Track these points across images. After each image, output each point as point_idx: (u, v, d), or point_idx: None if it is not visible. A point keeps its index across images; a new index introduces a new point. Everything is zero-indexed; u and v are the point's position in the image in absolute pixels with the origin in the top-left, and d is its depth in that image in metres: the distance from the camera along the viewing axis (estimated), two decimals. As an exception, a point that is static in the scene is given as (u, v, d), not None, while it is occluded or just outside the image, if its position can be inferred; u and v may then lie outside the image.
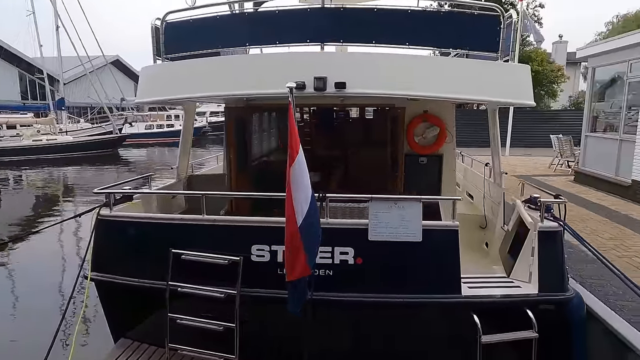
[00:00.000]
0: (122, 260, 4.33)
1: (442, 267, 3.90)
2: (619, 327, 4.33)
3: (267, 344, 4.19)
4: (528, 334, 3.82)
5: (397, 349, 4.08)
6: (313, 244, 3.06)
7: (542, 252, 4.07)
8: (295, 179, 2.93)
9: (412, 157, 6.92)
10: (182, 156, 7.08)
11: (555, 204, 4.37)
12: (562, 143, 14.80)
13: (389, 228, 3.83)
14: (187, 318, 3.99)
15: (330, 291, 3.82)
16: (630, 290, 5.19)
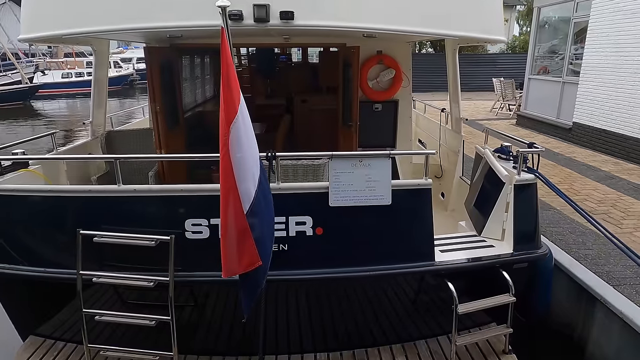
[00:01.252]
0: (17, 246, 3.40)
1: (415, 232, 3.39)
2: (583, 276, 4.18)
3: (212, 334, 3.56)
4: (505, 298, 3.48)
5: (368, 326, 3.62)
6: (266, 225, 2.36)
7: (518, 208, 3.68)
8: (239, 141, 2.16)
9: (365, 104, 6.26)
10: (96, 108, 5.93)
11: (531, 153, 3.96)
12: (504, 86, 14.83)
13: (353, 191, 3.20)
14: (108, 313, 3.21)
15: (286, 269, 3.20)
16: (590, 238, 5.13)
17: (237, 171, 2.17)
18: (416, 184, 3.36)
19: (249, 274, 2.32)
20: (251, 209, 2.21)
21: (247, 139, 2.20)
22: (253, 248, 2.24)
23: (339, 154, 3.20)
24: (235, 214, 2.20)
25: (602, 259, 4.57)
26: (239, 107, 2.15)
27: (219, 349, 3.55)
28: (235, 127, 2.14)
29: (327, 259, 3.26)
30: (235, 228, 2.23)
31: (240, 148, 2.17)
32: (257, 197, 2.23)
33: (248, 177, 2.20)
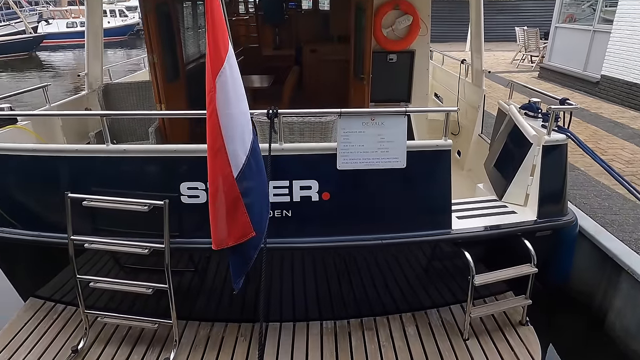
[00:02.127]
0: (8, 208, 3.21)
1: (431, 199, 3.11)
2: (608, 244, 3.91)
3: (213, 301, 3.41)
4: (526, 269, 3.24)
5: (377, 295, 3.43)
6: (260, 193, 2.08)
7: (545, 172, 3.35)
8: (226, 96, 1.85)
9: (378, 54, 5.79)
10: (92, 60, 5.59)
11: (563, 110, 3.58)
12: (528, 36, 13.91)
13: (364, 153, 2.89)
14: (103, 280, 3.05)
15: (290, 236, 2.97)
16: (616, 202, 4.79)
17: (225, 131, 1.88)
18: (434, 145, 3.04)
19: (241, 246, 2.08)
20: (242, 174, 1.94)
21: (235, 94, 1.89)
22: (245, 217, 1.99)
23: (348, 111, 2.86)
24: (224, 180, 1.94)
25: (630, 225, 4.27)
26: (226, 57, 1.82)
27: (221, 315, 3.41)
28: (221, 80, 1.83)
29: (334, 226, 3.01)
30: (224, 195, 1.97)
31: (228, 104, 1.87)
32: (248, 161, 1.95)
33: (237, 138, 1.91)
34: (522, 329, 3.35)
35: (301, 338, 3.28)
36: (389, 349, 3.17)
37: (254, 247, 2.10)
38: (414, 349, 3.17)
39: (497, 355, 3.11)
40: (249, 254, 2.11)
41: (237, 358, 3.09)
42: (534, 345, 3.19)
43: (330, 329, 3.38)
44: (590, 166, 5.82)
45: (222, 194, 1.95)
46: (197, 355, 3.12)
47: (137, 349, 3.17)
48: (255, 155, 2.01)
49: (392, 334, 3.32)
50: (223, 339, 3.27)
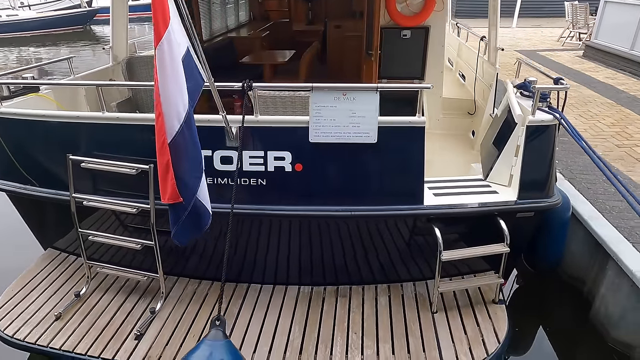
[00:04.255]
0: (24, 167, 3.60)
1: (403, 174, 3.18)
2: (600, 230, 3.81)
3: (198, 261, 3.69)
4: (498, 248, 3.26)
5: (352, 264, 3.58)
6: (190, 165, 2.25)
7: (528, 153, 3.31)
8: (162, 65, 2.02)
9: (392, 30, 5.75)
10: (116, 32, 5.87)
11: (554, 90, 3.48)
12: (576, 11, 13.02)
13: (336, 127, 3.00)
14: (100, 234, 3.41)
15: (265, 204, 3.16)
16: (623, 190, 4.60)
17: (163, 99, 2.07)
18: (407, 121, 3.09)
19: (175, 206, 2.29)
20: (174, 141, 2.13)
21: (172, 68, 2.05)
22: (173, 182, 2.19)
23: (320, 85, 2.96)
24: (161, 144, 2.14)
25: (630, 212, 4.10)
26: (165, 32, 1.99)
27: (208, 274, 3.70)
28: (160, 50, 2.00)
29: (306, 197, 3.17)
30: (159, 158, 2.18)
31: (164, 77, 2.04)
32: (182, 130, 2.13)
33: (172, 108, 2.09)
34: (493, 307, 3.40)
35: (277, 300, 3.51)
36: (357, 315, 3.34)
37: (183, 211, 2.30)
38: (381, 317, 3.32)
39: (461, 330, 3.19)
40: (179, 216, 2.31)
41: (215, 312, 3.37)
42: (501, 323, 3.24)
43: (307, 293, 3.58)
44: (610, 151, 5.57)
45: (160, 155, 2.17)
46: (181, 308, 3.43)
47: (130, 298, 3.53)
48: (190, 126, 2.18)
49: (364, 302, 3.47)
50: (207, 296, 3.56)
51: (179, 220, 2.34)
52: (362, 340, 3.12)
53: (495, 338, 3.11)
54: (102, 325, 3.26)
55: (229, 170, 3.11)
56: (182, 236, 2.41)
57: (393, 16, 5.64)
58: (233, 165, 3.10)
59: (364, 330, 3.20)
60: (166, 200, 2.27)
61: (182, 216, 2.33)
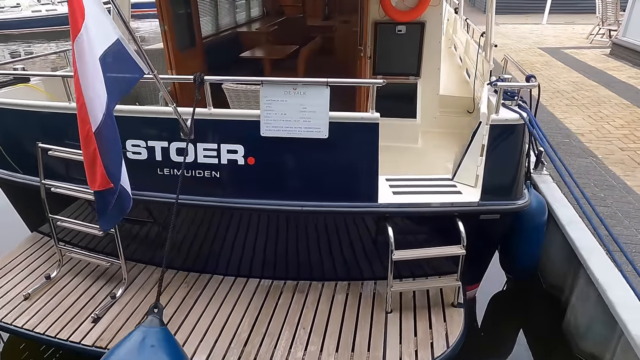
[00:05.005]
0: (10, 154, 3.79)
1: (356, 171, 3.14)
2: (575, 235, 3.64)
3: (153, 246, 3.79)
4: (453, 250, 3.17)
5: (309, 260, 3.58)
6: (113, 151, 2.31)
7: (491, 152, 3.19)
8: (81, 58, 2.07)
9: (386, 25, 5.66)
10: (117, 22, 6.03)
11: (524, 88, 3.35)
12: (607, 7, 12.37)
13: (286, 121, 2.99)
14: (66, 220, 3.55)
15: (217, 196, 3.20)
16: (614, 194, 4.35)
17: (84, 91, 2.12)
18: (360, 117, 3.04)
19: (103, 193, 2.35)
20: (99, 130, 2.18)
21: (92, 61, 2.10)
22: (102, 169, 2.24)
23: (269, 79, 2.96)
24: (87, 133, 2.20)
25: (615, 219, 3.90)
26: (83, 24, 2.03)
27: (174, 264, 3.78)
28: (78, 44, 2.05)
29: (258, 190, 3.18)
30: (85, 146, 2.24)
31: (84, 69, 2.09)
32: (105, 120, 2.18)
33: (94, 99, 2.14)
34: (451, 310, 3.31)
35: (235, 292, 3.54)
36: (310, 311, 3.33)
37: (111, 196, 2.36)
38: (334, 314, 3.29)
39: (412, 331, 3.13)
40: (108, 201, 2.37)
41: (174, 300, 3.45)
42: (455, 327, 3.15)
43: (265, 287, 3.60)
44: (611, 154, 5.29)
45: (86, 144, 2.23)
46: (141, 295, 3.52)
47: (97, 283, 3.65)
48: (111, 116, 2.23)
49: (320, 299, 3.46)
50: (169, 283, 3.64)
51: (109, 206, 2.41)
52: (309, 335, 3.11)
53: (445, 342, 3.03)
54: (65, 307, 3.40)
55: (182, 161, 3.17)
56: (108, 222, 2.48)
57: (387, 11, 5.53)
58: (189, 156, 3.15)
59: (314, 326, 3.19)
60: (96, 188, 2.34)
61: (111, 202, 2.39)
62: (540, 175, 4.67)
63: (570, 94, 7.70)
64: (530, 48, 12.10)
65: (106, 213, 2.43)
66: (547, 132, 5.94)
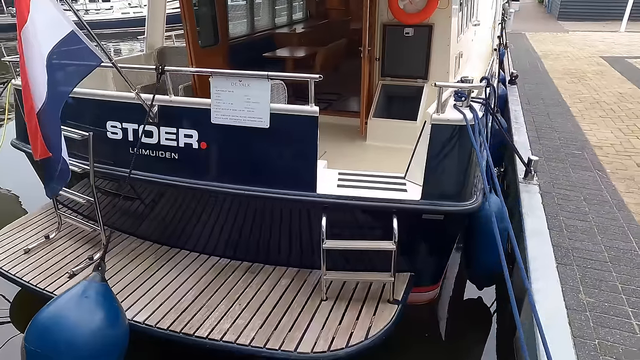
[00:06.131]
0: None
1: (295, 160, 3.31)
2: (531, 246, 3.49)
3: (125, 216, 4.23)
4: (384, 245, 3.22)
5: (257, 245, 3.81)
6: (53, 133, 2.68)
7: (432, 152, 3.21)
8: (28, 49, 2.47)
9: (394, 28, 5.73)
10: (151, 22, 6.60)
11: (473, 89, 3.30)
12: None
13: (233, 110, 3.25)
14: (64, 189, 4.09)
15: (176, 175, 3.53)
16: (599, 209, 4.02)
17: (30, 73, 2.52)
18: (300, 110, 3.21)
19: (45, 162, 2.74)
20: (42, 111, 2.57)
21: (38, 49, 2.49)
22: (42, 141, 2.63)
23: (219, 71, 3.24)
24: (30, 110, 2.60)
25: (588, 233, 3.66)
26: (29, 17, 2.43)
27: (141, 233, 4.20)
28: (24, 35, 2.45)
29: (210, 173, 3.46)
30: (29, 121, 2.64)
31: (29, 56, 2.49)
32: (47, 101, 2.56)
33: (37, 83, 2.53)
34: (384, 306, 3.35)
35: (195, 266, 3.86)
36: (252, 290, 3.55)
37: (55, 164, 2.74)
38: (273, 296, 3.48)
39: (338, 320, 3.22)
40: (53, 168, 2.76)
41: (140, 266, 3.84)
42: (380, 322, 3.19)
43: (222, 265, 3.88)
44: (624, 169, 4.89)
45: (30, 119, 2.64)
46: (116, 259, 3.97)
47: (85, 246, 4.15)
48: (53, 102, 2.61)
49: (267, 281, 3.66)
50: (143, 252, 4.06)
51: (53, 175, 2.82)
52: (242, 311, 3.33)
53: (365, 333, 3.09)
54: (52, 263, 3.93)
55: (151, 143, 3.55)
56: (52, 190, 2.90)
57: (395, 13, 5.60)
58: (154, 138, 3.53)
59: (249, 304, 3.40)
60: (38, 157, 2.76)
61: (57, 169, 2.80)
62: (527, 185, 4.47)
63: (611, 105, 7.12)
64: (591, 57, 11.25)
65: (51, 182, 2.85)
66: (561, 143, 5.62)
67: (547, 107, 7.04)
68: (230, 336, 3.10)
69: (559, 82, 8.71)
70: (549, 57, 11.30)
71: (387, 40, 5.81)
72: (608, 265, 3.22)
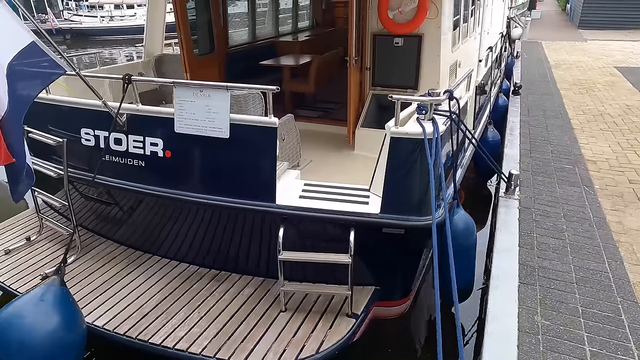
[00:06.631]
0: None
1: (254, 171, 3.31)
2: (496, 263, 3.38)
3: (103, 221, 4.32)
4: (340, 258, 3.19)
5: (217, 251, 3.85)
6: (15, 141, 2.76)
7: (390, 165, 3.17)
8: None
9: (384, 38, 5.73)
10: (150, 30, 6.74)
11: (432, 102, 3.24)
12: None
13: (195, 120, 3.29)
14: (43, 193, 4.21)
15: (143, 183, 3.59)
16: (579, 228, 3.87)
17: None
18: (259, 121, 3.22)
19: (10, 167, 2.84)
20: (5, 118, 2.66)
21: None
22: (5, 148, 2.72)
23: (182, 82, 3.28)
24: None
25: (559, 252, 3.53)
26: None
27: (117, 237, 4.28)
28: None
29: (174, 181, 3.50)
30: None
31: None
32: (9, 109, 2.64)
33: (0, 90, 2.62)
34: (341, 319, 3.32)
35: (163, 272, 3.90)
36: (214, 298, 3.56)
37: (20, 170, 2.83)
38: (232, 306, 3.48)
39: (292, 332, 3.20)
40: (18, 174, 2.85)
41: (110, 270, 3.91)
42: (335, 336, 3.16)
43: (190, 272, 3.91)
44: (614, 185, 4.72)
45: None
46: (89, 262, 4.05)
47: (63, 249, 4.26)
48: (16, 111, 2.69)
49: (230, 290, 3.67)
50: (117, 257, 4.13)
51: (18, 180, 2.91)
52: (200, 319, 3.34)
53: (317, 347, 3.06)
54: (28, 265, 4.05)
55: (120, 150, 3.62)
56: (18, 194, 2.99)
57: (385, 23, 5.60)
58: (123, 146, 3.60)
59: (208, 312, 3.41)
60: (2, 163, 2.86)
61: (19, 176, 2.89)
62: (507, 199, 4.35)
63: (615, 118, 6.88)
64: (605, 67, 10.92)
65: (16, 187, 2.93)
66: (553, 156, 5.46)
67: (547, 119, 6.86)
68: (183, 344, 3.12)
69: (566, 93, 8.48)
70: (560, 67, 11.02)
71: (377, 50, 5.80)
72: (573, 287, 3.10)
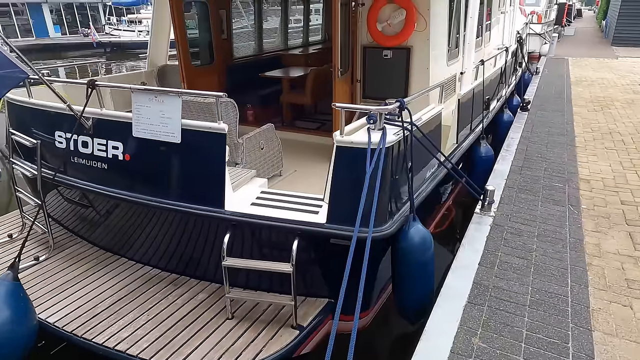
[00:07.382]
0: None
1: (204, 176, 3.34)
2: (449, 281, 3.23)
3: (78, 221, 4.44)
4: (281, 266, 3.14)
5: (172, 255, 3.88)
6: None
7: (336, 174, 3.13)
8: None
9: (374, 50, 5.72)
10: (155, 41, 6.99)
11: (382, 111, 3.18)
12: None
13: (150, 125, 3.36)
14: (21, 191, 4.40)
15: (105, 185, 3.69)
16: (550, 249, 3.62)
17: None
18: (208, 127, 3.26)
19: None
20: None
21: None
22: None
23: (139, 88, 3.37)
24: None
25: (521, 271, 3.33)
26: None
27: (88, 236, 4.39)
28: None
29: (132, 184, 3.58)
30: None
31: None
32: None
33: None
34: (286, 330, 3.26)
35: (125, 274, 3.96)
36: (167, 302, 3.58)
37: None
38: (181, 310, 3.49)
39: (233, 340, 3.17)
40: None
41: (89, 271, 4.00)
42: (274, 346, 3.10)
43: (152, 275, 3.96)
44: (603, 205, 4.44)
45: None
46: (60, 260, 4.17)
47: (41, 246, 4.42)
48: None
49: (185, 294, 3.68)
50: (87, 257, 4.24)
51: None
52: (147, 322, 3.36)
53: (254, 356, 3.01)
54: (3, 260, 4.22)
55: (86, 153, 3.75)
56: None
57: (374, 36, 5.60)
58: (89, 148, 3.73)
59: (157, 316, 3.43)
60: None
61: None
62: (481, 216, 4.18)
63: (624, 137, 6.52)
64: (630, 84, 10.41)
65: None
66: (545, 174, 5.22)
67: (550, 136, 6.58)
68: (124, 345, 3.14)
69: (579, 110, 8.13)
70: (581, 84, 10.59)
71: (367, 62, 5.79)
72: (524, 309, 2.91)
